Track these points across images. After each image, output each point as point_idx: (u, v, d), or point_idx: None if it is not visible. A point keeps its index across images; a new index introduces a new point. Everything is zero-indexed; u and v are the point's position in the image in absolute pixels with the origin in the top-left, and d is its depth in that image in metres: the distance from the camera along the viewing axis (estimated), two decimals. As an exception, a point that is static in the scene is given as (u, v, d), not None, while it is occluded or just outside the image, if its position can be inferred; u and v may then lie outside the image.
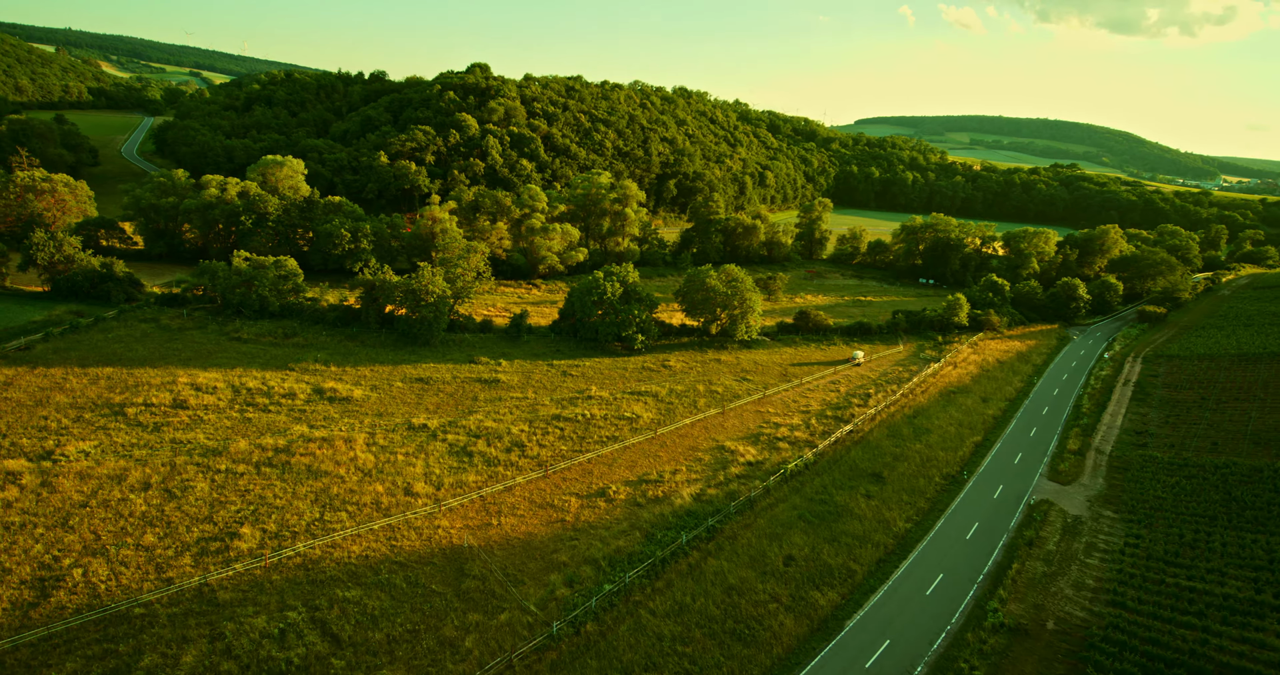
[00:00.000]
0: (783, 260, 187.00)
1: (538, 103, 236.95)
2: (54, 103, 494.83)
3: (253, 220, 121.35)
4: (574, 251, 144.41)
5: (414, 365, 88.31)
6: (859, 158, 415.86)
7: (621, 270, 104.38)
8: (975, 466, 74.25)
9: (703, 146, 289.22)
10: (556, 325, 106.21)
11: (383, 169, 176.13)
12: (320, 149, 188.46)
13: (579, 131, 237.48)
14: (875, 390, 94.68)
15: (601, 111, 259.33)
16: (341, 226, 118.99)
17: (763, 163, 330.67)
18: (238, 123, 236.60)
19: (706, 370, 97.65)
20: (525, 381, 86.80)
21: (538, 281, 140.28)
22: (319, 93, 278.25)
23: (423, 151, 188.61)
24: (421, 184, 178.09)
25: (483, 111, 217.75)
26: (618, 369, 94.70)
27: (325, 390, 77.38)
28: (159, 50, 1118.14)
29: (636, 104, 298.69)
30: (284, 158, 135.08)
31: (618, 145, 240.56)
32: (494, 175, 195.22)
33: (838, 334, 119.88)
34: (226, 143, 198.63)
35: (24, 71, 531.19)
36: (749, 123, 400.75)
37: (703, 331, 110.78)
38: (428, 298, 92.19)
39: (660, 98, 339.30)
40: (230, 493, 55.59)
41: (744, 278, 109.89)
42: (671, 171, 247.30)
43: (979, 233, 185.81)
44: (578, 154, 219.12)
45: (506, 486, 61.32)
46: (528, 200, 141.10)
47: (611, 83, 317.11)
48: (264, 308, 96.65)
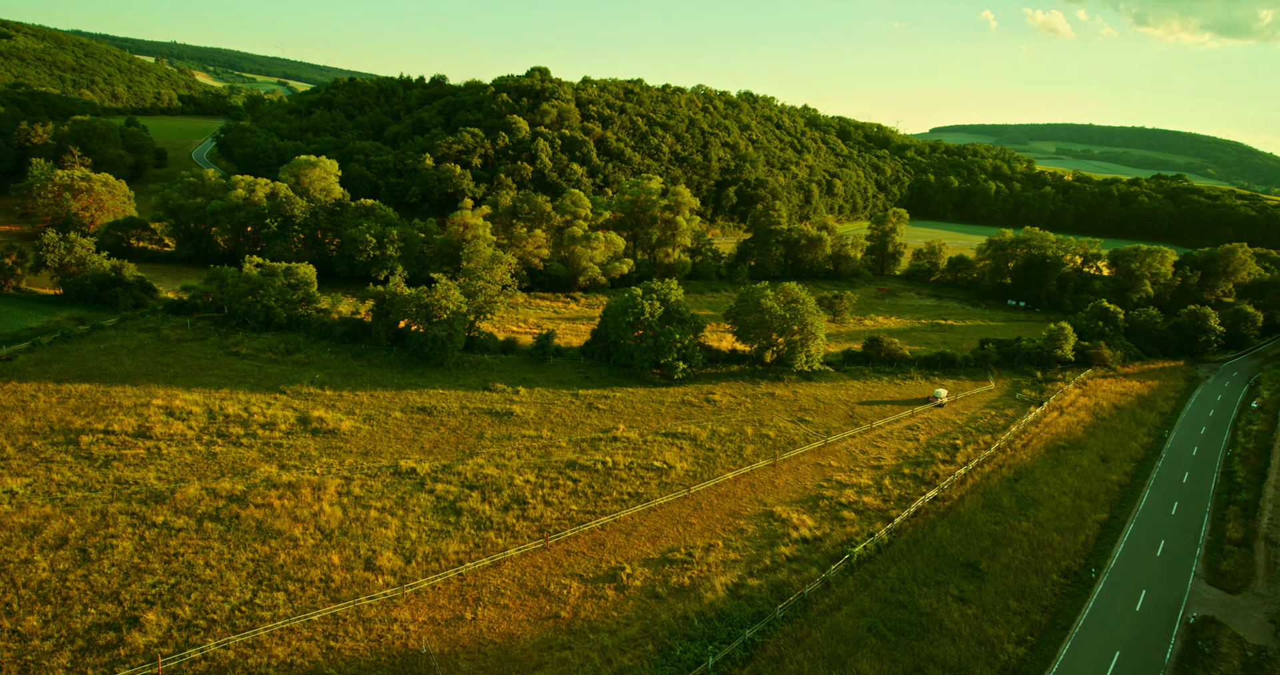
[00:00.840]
0: (850, 276, 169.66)
1: (593, 105, 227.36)
2: (145, 108, 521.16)
3: (278, 223, 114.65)
4: (618, 262, 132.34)
5: (419, 391, 77.60)
6: (936, 166, 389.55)
7: (663, 287, 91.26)
8: (1104, 558, 57.15)
9: (766, 152, 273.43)
10: (588, 347, 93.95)
11: (427, 172, 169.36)
12: (367, 151, 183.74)
13: (635, 135, 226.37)
14: (964, 441, 77.98)
15: (660, 115, 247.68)
16: (367, 231, 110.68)
17: (831, 170, 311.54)
18: (295, 125, 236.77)
19: (757, 407, 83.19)
20: (543, 415, 74.67)
21: (577, 294, 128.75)
22: (378, 96, 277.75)
23: (470, 154, 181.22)
24: (466, 188, 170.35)
25: (535, 114, 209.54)
26: (653, 402, 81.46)
27: (311, 420, 67.31)
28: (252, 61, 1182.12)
29: (698, 108, 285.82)
30: (317, 158, 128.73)
31: (675, 150, 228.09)
32: (542, 179, 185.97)
33: (915, 366, 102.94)
34: (279, 144, 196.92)
35: (122, 80, 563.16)
36: (817, 128, 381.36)
37: (755, 359, 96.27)
38: (440, 314, 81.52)
39: (724, 102, 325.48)
40: (155, 557, 45.35)
41: (805, 298, 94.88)
42: (732, 178, 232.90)
43: (1080, 249, 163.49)
44: (632, 158, 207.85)
45: (494, 561, 48.98)
46: (570, 206, 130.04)
47: (673, 86, 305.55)
48: (269, 319, 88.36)
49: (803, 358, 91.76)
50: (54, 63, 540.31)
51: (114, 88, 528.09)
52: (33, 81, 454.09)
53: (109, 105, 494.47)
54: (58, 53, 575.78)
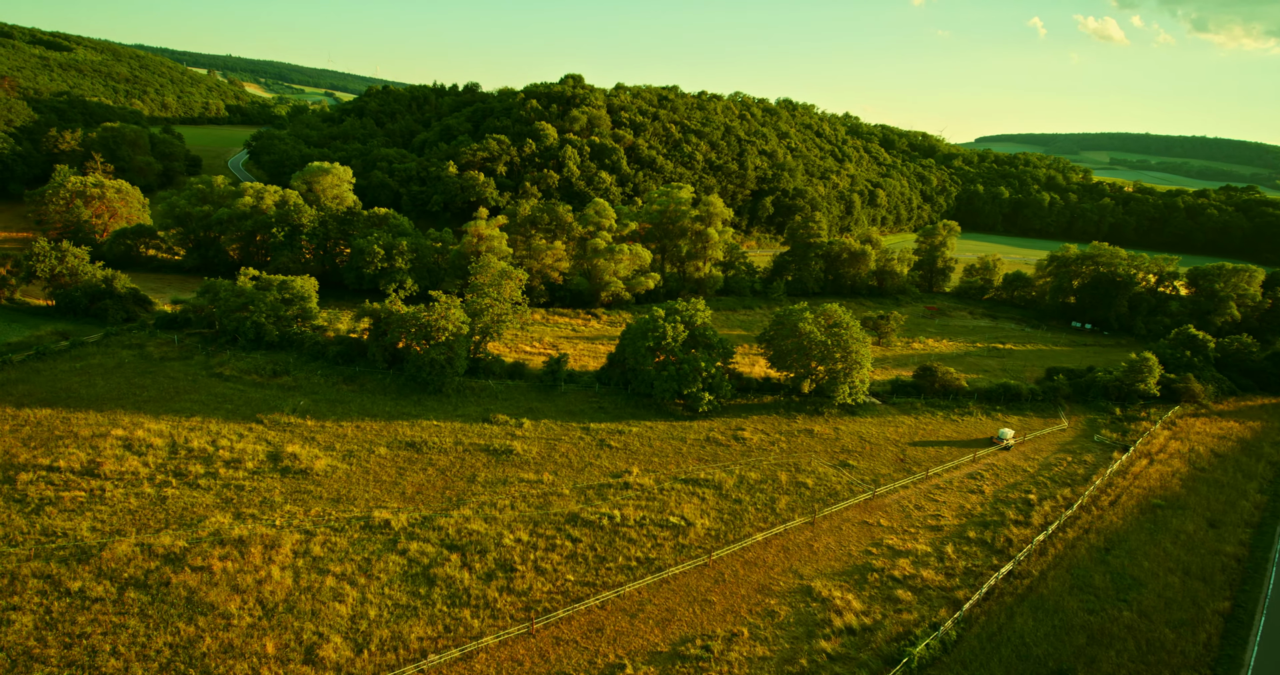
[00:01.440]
0: (896, 293, 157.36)
1: (625, 112, 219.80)
2: (193, 118, 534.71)
3: (284, 233, 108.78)
4: (644, 277, 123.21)
5: (411, 422, 69.36)
6: (985, 176, 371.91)
7: (688, 308, 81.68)
8: (1236, 669, 45.21)
9: (806, 161, 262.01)
10: (604, 373, 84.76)
11: (449, 180, 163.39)
12: (390, 158, 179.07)
13: (667, 142, 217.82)
14: (1039, 495, 66.28)
15: (695, 122, 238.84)
16: (375, 242, 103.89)
17: (873, 180, 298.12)
18: (325, 133, 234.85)
19: (793, 447, 72.75)
20: (546, 454, 65.62)
21: (599, 311, 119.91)
22: (410, 104, 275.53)
23: (495, 162, 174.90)
24: (489, 196, 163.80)
25: (564, 120, 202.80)
26: (673, 439, 71.74)
27: (283, 457, 59.45)
28: (301, 73, 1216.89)
29: (735, 115, 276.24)
30: (330, 164, 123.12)
31: (709, 158, 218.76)
32: (569, 188, 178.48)
33: (974, 399, 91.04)
34: (305, 151, 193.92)
35: (173, 90, 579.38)
36: (859, 136, 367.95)
37: (791, 389, 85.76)
38: (439, 335, 73.36)
39: (762, 109, 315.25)
40: (55, 640, 37.44)
41: (849, 322, 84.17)
42: (769, 187, 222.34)
43: (1154, 267, 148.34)
44: (664, 166, 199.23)
45: (465, 652, 39.87)
46: (593, 216, 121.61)
47: (709, 93, 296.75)
48: (260, 337, 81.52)
49: (845, 390, 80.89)
50: (109, 74, 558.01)
51: (164, 98, 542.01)
52: (86, 92, 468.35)
53: (158, 114, 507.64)
54: (114, 65, 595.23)
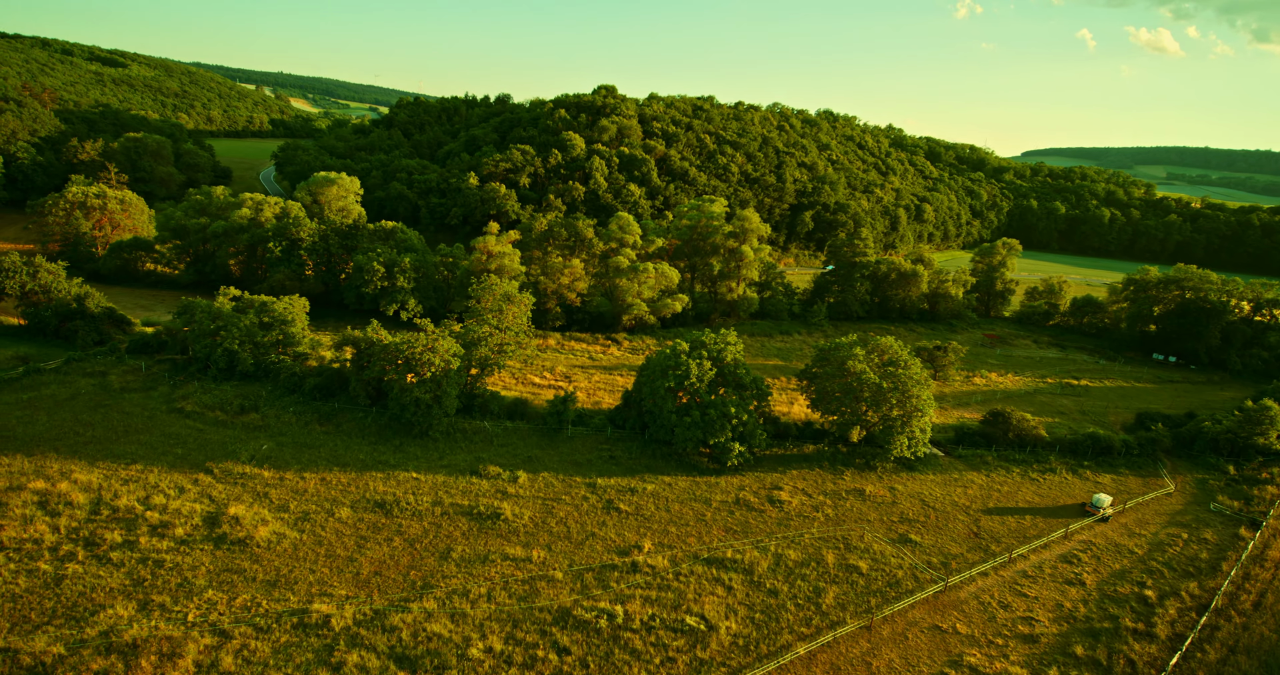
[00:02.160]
0: (950, 318, 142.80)
1: (657, 122, 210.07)
2: (237, 131, 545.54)
3: (281, 247, 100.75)
4: (671, 299, 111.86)
5: (387, 474, 58.99)
6: (1039, 191, 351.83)
7: (717, 341, 70.03)
8: None
9: (848, 174, 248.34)
10: (619, 413, 73.44)
11: (469, 192, 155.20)
12: (411, 169, 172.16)
13: (701, 153, 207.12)
14: (1156, 590, 52.42)
15: (731, 132, 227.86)
16: (374, 259, 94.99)
17: (919, 194, 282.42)
18: (352, 144, 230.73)
19: (841, 514, 60.19)
20: (541, 520, 54.46)
21: (620, 336, 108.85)
22: (440, 116, 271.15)
23: (518, 173, 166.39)
24: (510, 209, 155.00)
25: (593, 131, 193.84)
26: (696, 500, 59.90)
27: (223, 520, 49.49)
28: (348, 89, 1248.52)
29: (773, 126, 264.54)
30: (337, 175, 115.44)
31: (745, 170, 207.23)
32: (595, 201, 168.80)
33: (1055, 452, 76.95)
34: (327, 162, 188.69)
35: (220, 104, 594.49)
36: (903, 149, 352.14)
37: (837, 437, 73.09)
38: (424, 370, 63.08)
39: (801, 120, 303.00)
40: None
41: (907, 359, 71.42)
42: (808, 201, 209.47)
43: (1249, 294, 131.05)
44: (697, 179, 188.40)
45: None
46: (616, 232, 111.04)
47: (746, 103, 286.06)
48: (233, 365, 72.54)
49: (903, 442, 67.88)
50: (160, 89, 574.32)
51: (210, 112, 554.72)
52: (134, 106, 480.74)
53: (202, 127, 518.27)
54: (165, 80, 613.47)
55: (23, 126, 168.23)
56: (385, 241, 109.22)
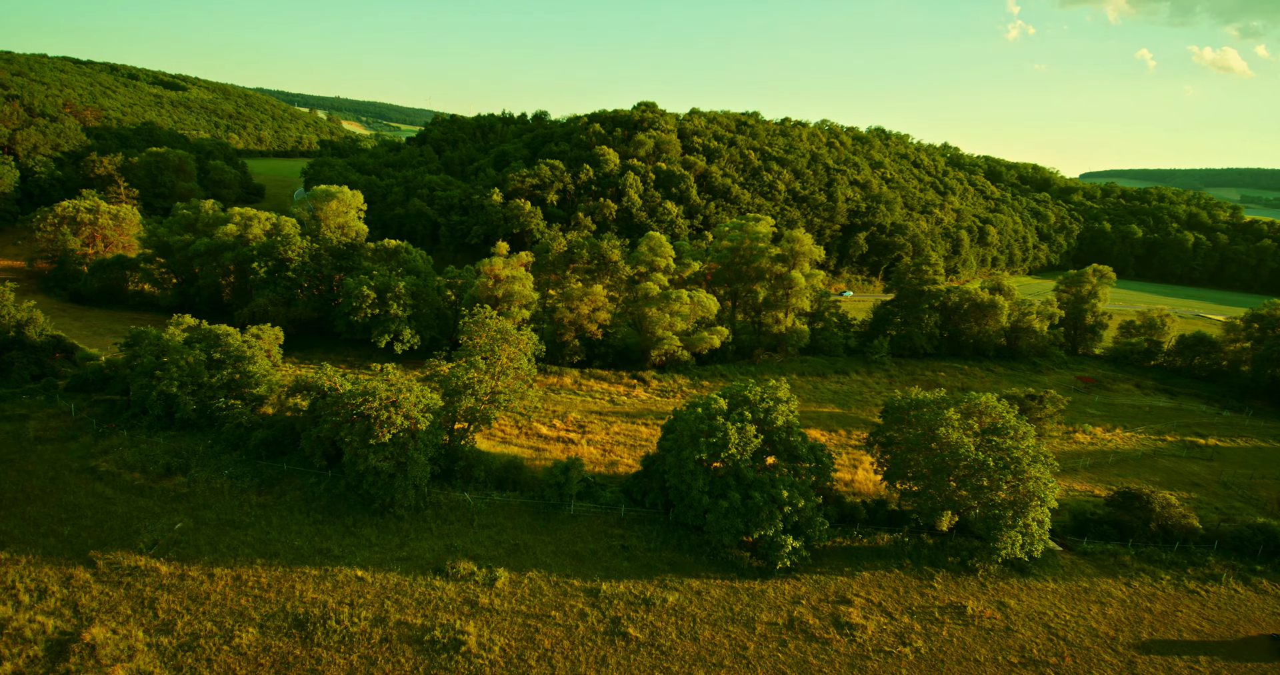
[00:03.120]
0: (1033, 356, 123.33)
1: (698, 137, 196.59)
2: (286, 151, 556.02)
3: (266, 268, 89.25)
4: (708, 332, 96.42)
5: (323, 572, 44.68)
6: (1111, 212, 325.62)
7: (764, 396, 54.07)
8: None
9: (904, 193, 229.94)
10: (637, 483, 57.92)
11: (492, 209, 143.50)
12: (434, 185, 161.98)
13: (745, 170, 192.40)
14: None
15: (777, 149, 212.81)
16: (364, 283, 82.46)
17: (981, 215, 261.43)
18: (383, 160, 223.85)
19: (936, 650, 43.25)
20: (518, 653, 39.19)
21: (648, 374, 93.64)
22: (474, 132, 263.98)
23: (545, 189, 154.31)
24: (535, 228, 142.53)
25: (629, 145, 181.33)
26: (733, 622, 43.84)
27: (74, 648, 35.70)
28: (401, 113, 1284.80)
29: (821, 143, 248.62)
30: (338, 188, 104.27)
31: (793, 187, 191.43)
32: (628, 220, 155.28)
33: (1213, 550, 58.10)
34: (352, 178, 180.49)
35: (272, 126, 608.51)
36: (961, 168, 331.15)
37: (920, 523, 55.97)
38: (382, 431, 48.83)
39: (852, 137, 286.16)
40: None
41: (1023, 428, 54.27)
42: (862, 222, 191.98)
43: None
44: (740, 197, 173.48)
45: None
46: (646, 253, 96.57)
47: (794, 120, 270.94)
48: (171, 411, 59.91)
49: (1015, 539, 50.41)
50: (215, 111, 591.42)
51: (261, 132, 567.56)
52: (189, 127, 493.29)
53: (252, 147, 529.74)
54: (222, 103, 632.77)
55: (45, 141, 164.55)
56: (389, 261, 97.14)
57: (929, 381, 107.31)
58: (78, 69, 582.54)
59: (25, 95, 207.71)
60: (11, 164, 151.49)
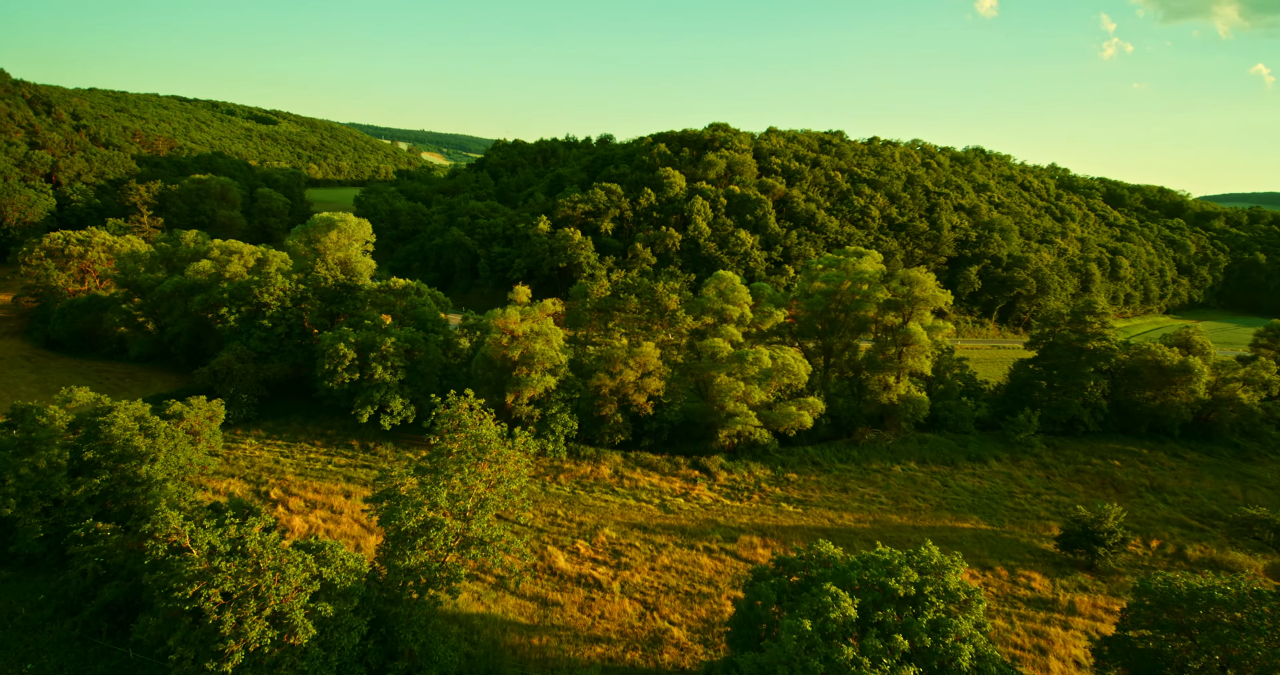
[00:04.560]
0: (1235, 436, 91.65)
1: (776, 157, 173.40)
2: (362, 180, 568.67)
3: (237, 316, 71.59)
4: (796, 406, 71.84)
5: None
6: (1265, 241, 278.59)
7: (927, 594, 29.20)
8: None
9: (1019, 220, 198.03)
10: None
11: (537, 239, 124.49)
12: (477, 212, 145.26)
13: (831, 194, 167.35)
14: None
15: (867, 170, 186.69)
16: (341, 338, 63.08)
17: (1108, 245, 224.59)
18: (435, 187, 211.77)
19: None
20: None
21: (714, 462, 69.65)
22: (535, 157, 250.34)
23: (599, 216, 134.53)
24: (585, 260, 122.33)
25: (697, 167, 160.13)
26: None
27: None
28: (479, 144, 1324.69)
29: (916, 163, 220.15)
30: (342, 216, 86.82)
31: (888, 213, 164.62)
32: (695, 251, 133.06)
33: None
34: (396, 205, 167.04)
35: (352, 157, 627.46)
36: (1074, 191, 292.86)
37: None
38: (231, 650, 27.09)
39: (949, 157, 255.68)
40: None
41: None
42: (973, 253, 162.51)
43: None
44: (826, 224, 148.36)
45: None
46: (713, 299, 73.54)
47: (882, 139, 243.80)
48: (5, 541, 40.95)
49: None
50: (299, 143, 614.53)
51: (340, 163, 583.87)
52: (272, 157, 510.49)
53: (331, 177, 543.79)
54: (308, 135, 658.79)
55: (90, 169, 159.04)
56: (393, 305, 78.24)
57: (1100, 474, 78.61)
58: (180, 105, 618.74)
59: (92, 125, 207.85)
60: (49, 192, 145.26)
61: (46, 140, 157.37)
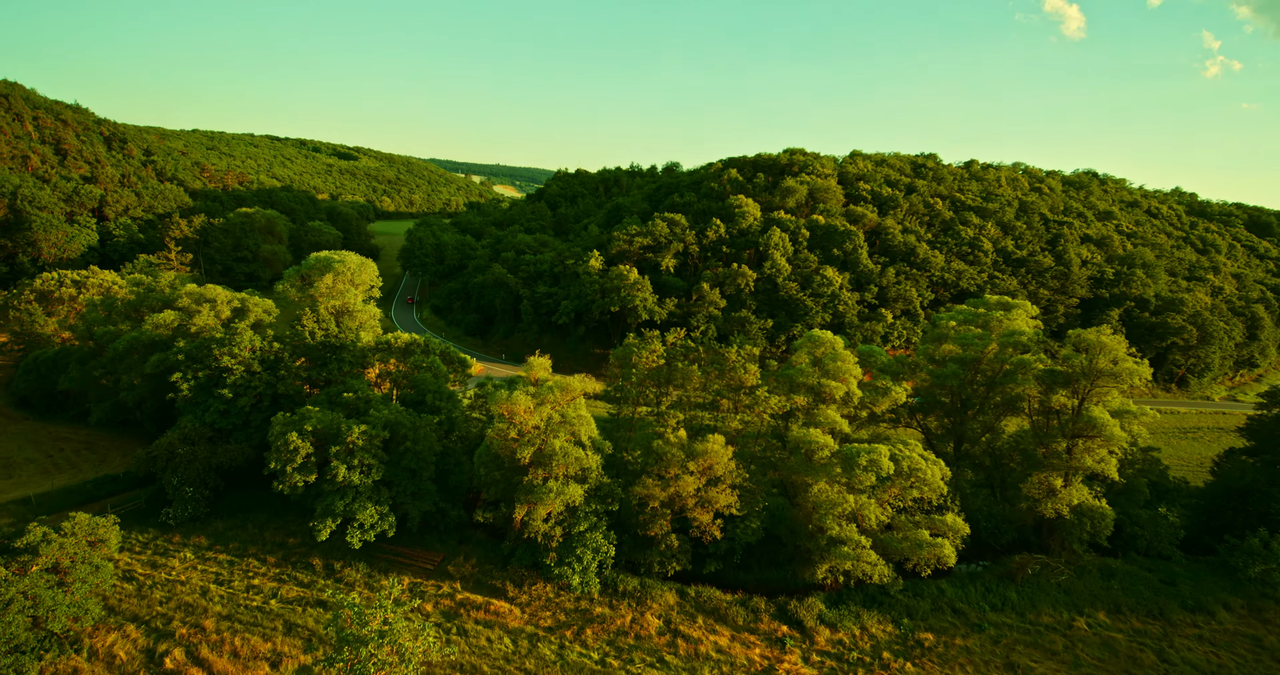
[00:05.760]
0: None
1: (865, 183, 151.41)
2: (433, 212, 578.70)
3: (194, 384, 56.45)
4: (929, 529, 49.76)
5: None
6: None
7: None
8: None
9: (1158, 252, 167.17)
10: None
11: (586, 279, 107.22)
12: (523, 247, 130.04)
13: (933, 224, 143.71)
14: None
15: (971, 196, 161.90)
16: (294, 427, 46.26)
17: (1265, 281, 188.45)
18: (491, 218, 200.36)
19: None
20: None
21: (809, 609, 48.22)
22: (597, 187, 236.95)
23: (660, 251, 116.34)
24: (641, 304, 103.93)
25: (773, 194, 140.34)
26: None
27: None
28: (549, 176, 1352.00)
29: (1025, 188, 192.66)
30: (341, 255, 71.66)
31: (1003, 246, 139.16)
32: (772, 293, 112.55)
33: None
34: (443, 239, 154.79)
35: (425, 190, 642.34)
36: (1207, 218, 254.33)
37: None
38: None
39: (1059, 181, 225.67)
40: None
41: None
42: (1111, 293, 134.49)
43: None
44: (930, 260, 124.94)
45: None
46: (806, 371, 53.03)
47: (981, 162, 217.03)
48: None
49: None
50: (376, 177, 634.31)
51: (413, 196, 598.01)
52: (347, 191, 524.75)
53: (403, 210, 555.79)
54: (385, 170, 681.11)
55: (139, 203, 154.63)
56: (399, 366, 61.74)
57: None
58: (271, 143, 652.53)
59: (160, 160, 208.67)
60: (92, 227, 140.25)
61: (100, 174, 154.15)
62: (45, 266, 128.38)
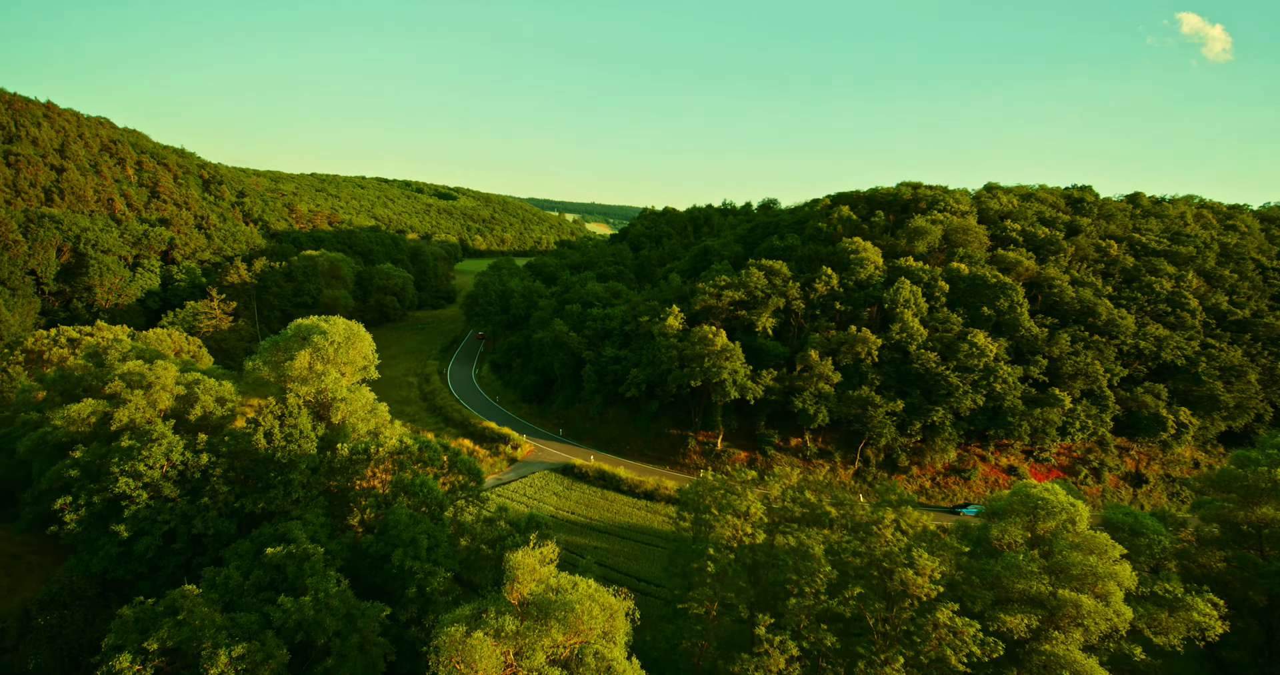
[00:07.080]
0: None
1: (1012, 221, 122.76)
2: (524, 251, 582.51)
3: (80, 516, 39.39)
4: None
5: None
6: None
7: None
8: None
9: None
10: None
11: (662, 342, 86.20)
12: (591, 298, 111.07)
13: (1109, 273, 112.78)
14: None
15: (1152, 237, 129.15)
16: (124, 646, 26.93)
17: None
18: (568, 262, 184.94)
19: None
20: None
21: None
22: (685, 227, 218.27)
23: (755, 307, 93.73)
24: (729, 375, 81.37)
25: (896, 236, 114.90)
26: None
27: None
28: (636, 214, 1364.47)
29: (1216, 226, 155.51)
30: (329, 322, 54.18)
31: (1213, 303, 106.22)
32: (902, 364, 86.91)
33: None
34: (508, 285, 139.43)
35: (517, 228, 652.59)
36: None
37: None
38: None
39: (1251, 215, 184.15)
40: None
41: None
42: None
43: None
44: (1116, 321, 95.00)
45: None
46: (1032, 569, 28.54)
47: (1149, 195, 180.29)
48: None
49: None
50: (471, 216, 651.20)
51: (505, 234, 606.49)
52: (439, 229, 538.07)
53: (494, 248, 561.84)
54: (480, 209, 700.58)
55: (209, 245, 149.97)
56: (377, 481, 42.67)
57: None
58: (378, 185, 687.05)
59: (249, 200, 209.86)
60: (156, 271, 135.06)
61: (174, 217, 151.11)
62: (99, 313, 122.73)
